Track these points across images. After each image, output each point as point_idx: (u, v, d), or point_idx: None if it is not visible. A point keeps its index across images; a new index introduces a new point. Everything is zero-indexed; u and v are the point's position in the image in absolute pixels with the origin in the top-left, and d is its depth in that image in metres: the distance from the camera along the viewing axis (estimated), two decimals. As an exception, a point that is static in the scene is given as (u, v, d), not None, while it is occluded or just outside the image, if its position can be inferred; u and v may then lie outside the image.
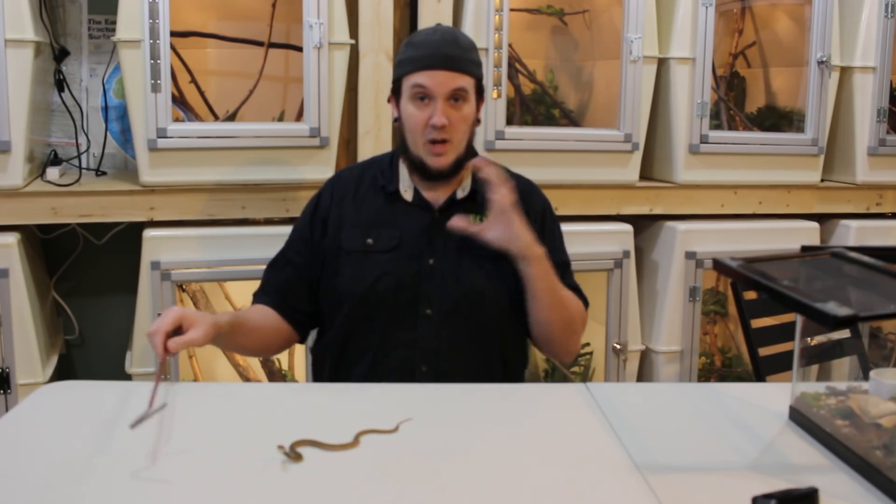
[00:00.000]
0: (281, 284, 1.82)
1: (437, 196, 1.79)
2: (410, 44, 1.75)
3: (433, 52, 1.70)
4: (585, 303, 1.85)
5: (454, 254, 1.75)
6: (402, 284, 1.74)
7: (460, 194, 1.79)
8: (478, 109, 1.78)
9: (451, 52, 1.71)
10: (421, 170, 1.75)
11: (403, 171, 1.80)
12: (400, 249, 1.75)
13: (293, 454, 1.22)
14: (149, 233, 2.38)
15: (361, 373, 1.74)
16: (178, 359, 2.38)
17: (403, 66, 1.74)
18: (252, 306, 1.82)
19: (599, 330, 2.73)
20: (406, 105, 1.73)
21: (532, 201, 1.84)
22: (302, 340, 1.87)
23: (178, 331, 1.48)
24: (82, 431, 1.30)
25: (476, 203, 1.78)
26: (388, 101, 1.81)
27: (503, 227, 1.67)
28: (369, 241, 1.77)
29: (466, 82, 1.71)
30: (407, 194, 1.79)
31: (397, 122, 1.78)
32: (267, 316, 1.78)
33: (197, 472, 1.20)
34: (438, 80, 1.69)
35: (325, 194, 1.85)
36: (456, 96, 1.70)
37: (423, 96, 1.70)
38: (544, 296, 1.73)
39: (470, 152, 1.78)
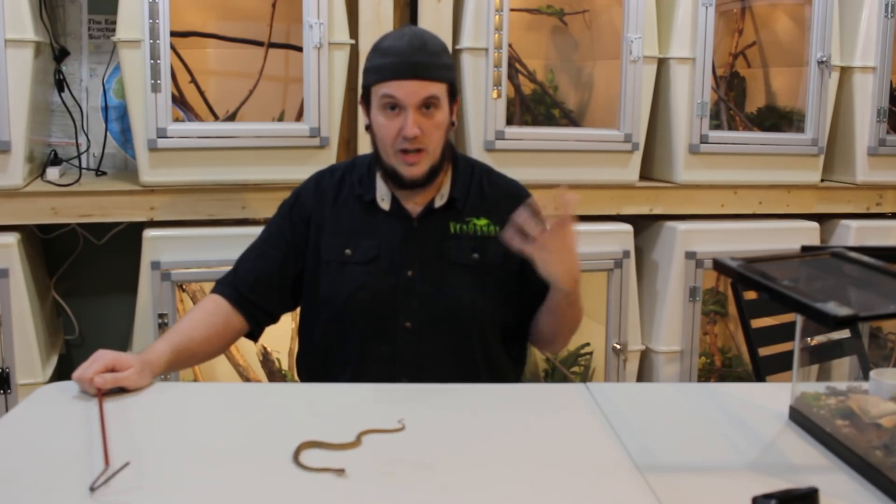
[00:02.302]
0: (252, 277, 1.75)
1: (414, 205, 1.74)
2: (378, 50, 1.69)
3: (401, 61, 1.63)
4: None
5: (433, 264, 1.72)
6: (379, 297, 1.71)
7: (438, 202, 1.74)
8: (452, 112, 1.72)
9: (419, 59, 1.63)
10: (394, 179, 1.70)
11: (380, 179, 1.75)
12: (378, 261, 1.72)
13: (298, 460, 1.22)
14: (149, 233, 2.38)
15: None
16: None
17: (371, 75, 1.68)
18: (197, 309, 1.74)
19: (599, 330, 2.73)
20: (376, 115, 1.67)
21: (519, 205, 1.81)
22: (253, 336, 1.80)
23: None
24: (82, 432, 1.30)
25: (455, 211, 1.75)
26: (360, 103, 1.75)
27: (558, 252, 1.59)
28: (347, 251, 1.73)
29: (437, 89, 1.64)
30: (384, 203, 1.74)
31: (369, 129, 1.72)
32: (213, 322, 1.70)
33: (198, 473, 1.20)
34: (408, 90, 1.62)
35: (306, 194, 1.80)
36: (427, 104, 1.64)
37: (392, 106, 1.64)
38: (562, 316, 1.73)
39: (445, 157, 1.73)
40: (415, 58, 1.64)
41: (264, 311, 1.77)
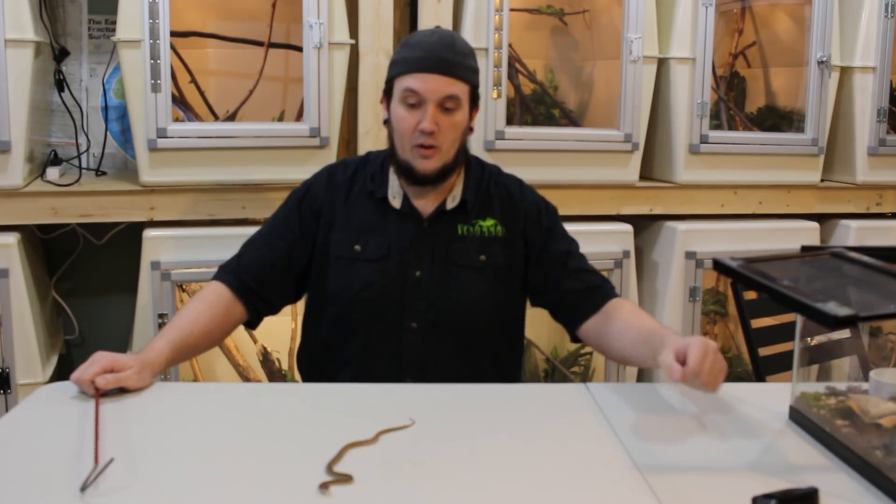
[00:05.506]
0: (256, 266, 1.74)
1: (426, 205, 1.74)
2: (406, 44, 1.70)
3: (427, 55, 1.64)
4: (611, 287, 1.79)
5: (442, 266, 1.72)
6: (387, 296, 1.70)
7: (450, 204, 1.74)
8: (471, 118, 1.72)
9: (446, 55, 1.64)
10: (407, 173, 1.69)
11: (393, 176, 1.75)
12: (388, 259, 1.72)
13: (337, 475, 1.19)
14: (149, 233, 2.38)
15: (344, 383, 1.71)
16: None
17: (396, 67, 1.69)
18: (198, 299, 1.70)
19: (599, 330, 2.72)
20: (396, 107, 1.68)
21: (523, 205, 1.80)
22: (251, 325, 1.79)
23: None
24: (82, 432, 1.30)
25: (464, 213, 1.75)
26: (381, 101, 1.76)
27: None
28: (357, 247, 1.73)
29: (460, 89, 1.65)
30: (395, 202, 1.74)
31: (387, 123, 1.72)
32: (214, 315, 1.68)
33: (199, 473, 1.20)
34: (431, 86, 1.63)
35: (318, 187, 1.79)
36: (447, 103, 1.64)
37: (414, 100, 1.65)
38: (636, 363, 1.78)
39: (459, 160, 1.73)
40: (441, 53, 1.65)
41: (266, 302, 1.76)
